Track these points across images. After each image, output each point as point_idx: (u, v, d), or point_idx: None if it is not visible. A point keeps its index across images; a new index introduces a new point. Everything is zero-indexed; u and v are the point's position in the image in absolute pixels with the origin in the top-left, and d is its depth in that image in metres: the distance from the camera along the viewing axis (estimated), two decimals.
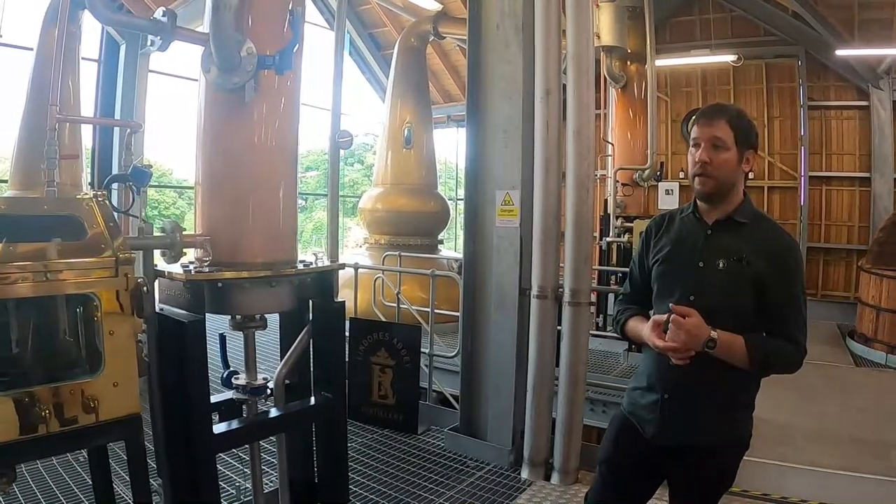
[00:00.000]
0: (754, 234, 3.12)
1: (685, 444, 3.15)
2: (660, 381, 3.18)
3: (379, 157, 14.90)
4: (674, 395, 3.14)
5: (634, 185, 13.73)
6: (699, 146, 3.08)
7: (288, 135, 4.01)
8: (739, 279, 3.04)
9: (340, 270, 4.52)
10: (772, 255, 3.06)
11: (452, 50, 20.22)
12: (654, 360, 3.21)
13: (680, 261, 3.19)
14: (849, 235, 16.45)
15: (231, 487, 5.70)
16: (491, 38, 6.87)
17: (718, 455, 3.17)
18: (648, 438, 3.23)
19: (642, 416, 3.28)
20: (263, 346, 4.76)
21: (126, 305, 2.88)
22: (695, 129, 3.12)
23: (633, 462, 3.36)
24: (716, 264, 3.06)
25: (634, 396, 3.38)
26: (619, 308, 3.55)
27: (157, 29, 3.60)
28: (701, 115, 3.15)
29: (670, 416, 3.15)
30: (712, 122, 3.06)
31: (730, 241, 3.10)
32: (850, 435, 7.38)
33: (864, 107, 15.85)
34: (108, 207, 3.02)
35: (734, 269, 3.04)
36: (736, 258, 3.05)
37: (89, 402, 2.78)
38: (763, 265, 3.03)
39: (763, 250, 3.06)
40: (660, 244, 3.32)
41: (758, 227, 3.17)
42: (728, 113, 3.10)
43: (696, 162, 3.09)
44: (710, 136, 3.04)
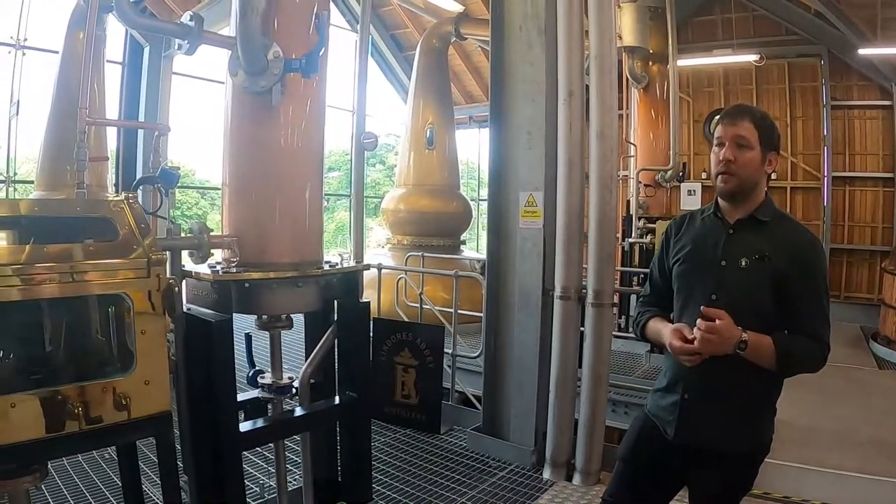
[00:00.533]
0: (776, 232, 3.12)
1: (704, 447, 3.14)
2: (681, 381, 3.18)
3: (401, 157, 14.95)
4: (694, 396, 3.14)
5: (657, 186, 13.70)
6: (723, 145, 3.08)
7: (314, 137, 4.04)
8: (762, 277, 3.04)
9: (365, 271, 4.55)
10: (793, 252, 3.07)
11: (474, 51, 20.23)
12: (673, 361, 3.20)
13: (701, 259, 3.19)
14: (872, 236, 16.30)
15: (255, 485, 5.73)
16: (514, 39, 6.89)
17: (738, 459, 3.17)
18: (669, 440, 3.22)
19: (663, 416, 3.28)
20: (289, 346, 4.79)
21: (157, 305, 2.92)
22: (718, 129, 3.13)
23: (652, 462, 3.36)
24: (738, 263, 3.06)
25: (656, 398, 3.38)
26: (639, 310, 3.55)
27: (185, 33, 3.64)
28: (725, 114, 3.16)
29: (690, 418, 3.15)
30: (736, 122, 3.07)
31: (752, 239, 3.09)
32: (872, 438, 7.32)
33: (887, 106, 15.70)
34: (139, 209, 3.06)
35: (756, 268, 3.04)
36: (758, 256, 3.04)
37: (121, 399, 2.82)
38: (784, 262, 3.03)
39: (784, 247, 3.07)
40: (680, 244, 3.32)
41: (779, 225, 3.17)
42: (752, 113, 3.11)
43: (719, 161, 3.09)
44: (735, 135, 3.05)
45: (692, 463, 3.20)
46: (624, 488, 3.48)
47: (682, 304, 3.26)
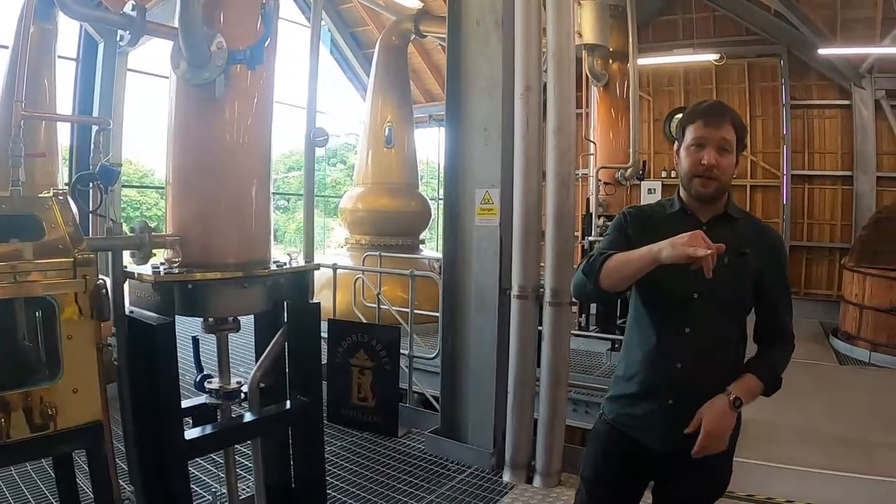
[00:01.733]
0: (747, 229, 3.10)
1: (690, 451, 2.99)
2: (662, 386, 3.02)
3: (360, 156, 14.89)
4: (682, 401, 2.98)
5: (616, 184, 13.68)
6: (702, 147, 2.96)
7: (260, 132, 3.91)
8: (743, 273, 3.00)
9: (321, 271, 4.44)
10: (766, 248, 3.09)
11: (434, 49, 20.20)
12: (650, 364, 3.06)
13: None
14: (831, 233, 16.53)
15: (206, 493, 5.61)
16: (471, 33, 6.79)
17: (722, 458, 3.10)
18: (649, 448, 3.09)
19: (639, 426, 3.12)
20: (238, 349, 4.68)
21: (85, 309, 2.79)
22: (699, 129, 2.98)
23: (624, 477, 3.23)
24: (720, 260, 2.95)
25: (622, 406, 3.21)
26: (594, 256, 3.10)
27: (127, 23, 3.51)
28: (706, 114, 3.01)
29: (678, 423, 2.98)
30: (721, 124, 2.95)
31: (728, 235, 2.98)
32: (835, 434, 7.36)
33: (846, 106, 15.92)
34: (69, 207, 2.92)
35: (738, 264, 2.98)
36: (738, 252, 2.98)
37: (47, 409, 2.69)
38: (760, 257, 3.03)
39: (758, 243, 3.06)
40: (647, 239, 3.00)
41: (748, 222, 3.16)
42: (731, 114, 3.02)
43: (699, 163, 2.96)
44: (719, 139, 2.95)
45: (672, 469, 3.10)
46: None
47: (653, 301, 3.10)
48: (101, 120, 4.31)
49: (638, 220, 3.23)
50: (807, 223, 16.63)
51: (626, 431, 3.18)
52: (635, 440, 3.14)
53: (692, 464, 3.01)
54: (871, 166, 15.61)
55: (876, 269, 11.70)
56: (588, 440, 3.48)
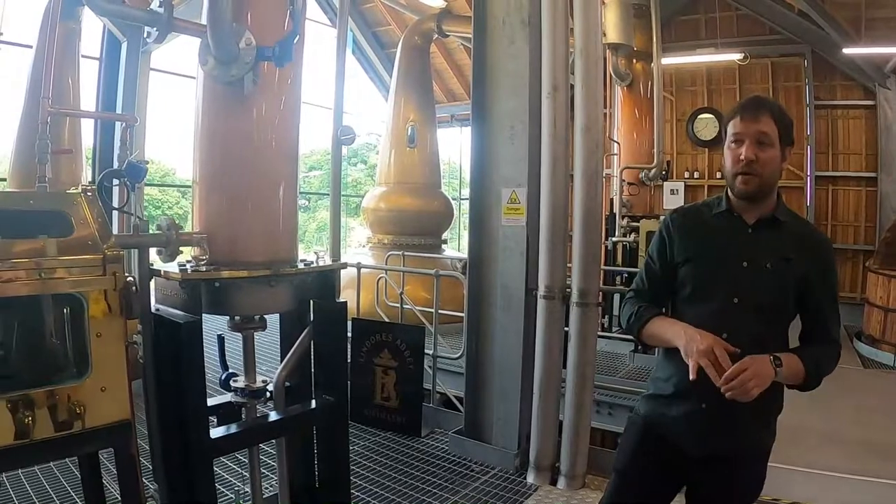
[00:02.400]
0: (795, 233, 3.02)
1: (724, 456, 3.00)
2: (696, 389, 2.92)
3: (382, 156, 14.87)
4: (715, 405, 2.91)
5: (640, 185, 13.65)
6: (742, 142, 2.90)
7: (288, 130, 3.90)
8: (787, 279, 2.93)
9: (343, 270, 4.42)
10: (815, 254, 3.00)
11: (456, 48, 20.16)
12: (684, 365, 2.94)
13: (719, 260, 3.00)
14: (855, 235, 16.37)
15: (230, 491, 5.60)
16: (496, 33, 6.75)
17: (758, 464, 3.09)
18: (684, 451, 3.06)
19: (672, 427, 3.09)
20: (263, 348, 4.66)
21: (114, 306, 2.76)
22: (736, 124, 2.93)
23: (655, 473, 3.18)
24: (762, 264, 2.90)
25: (657, 405, 3.18)
26: (634, 304, 3.26)
27: (153, 20, 3.49)
28: (743, 108, 2.95)
29: (712, 427, 2.97)
30: (758, 117, 2.88)
31: (774, 240, 2.96)
32: (860, 437, 7.30)
33: (870, 106, 15.79)
34: (98, 203, 2.90)
35: (781, 269, 2.92)
36: (782, 257, 2.92)
37: (75, 407, 2.66)
38: (808, 264, 2.95)
39: (805, 249, 2.98)
40: (689, 241, 3.10)
41: (796, 225, 3.08)
42: (771, 106, 2.94)
43: (738, 160, 2.90)
44: (756, 132, 2.87)
45: (705, 470, 3.05)
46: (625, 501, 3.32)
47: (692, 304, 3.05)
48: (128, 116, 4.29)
49: (681, 225, 3.19)
50: (830, 225, 16.45)
51: (658, 430, 3.16)
52: (668, 440, 3.10)
53: (725, 469, 2.99)
54: (895, 167, 15.44)
55: None
56: (624, 431, 3.44)
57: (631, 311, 3.22)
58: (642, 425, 3.26)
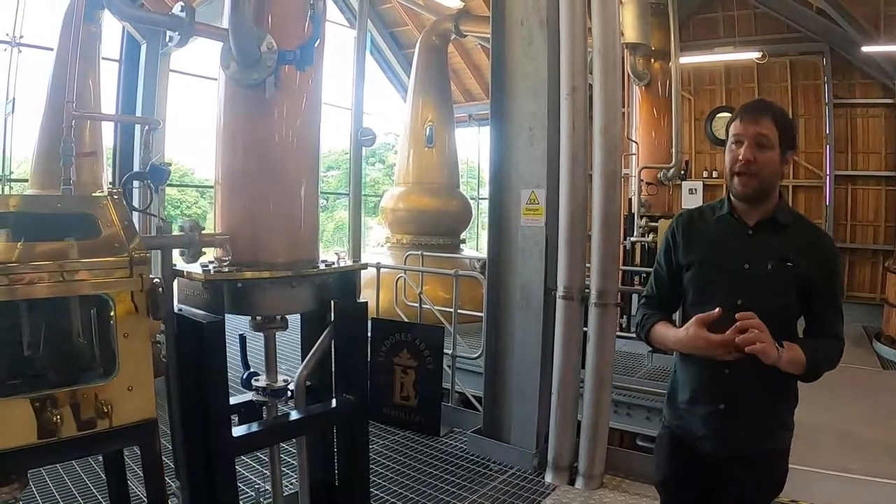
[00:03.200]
0: (797, 236, 3.04)
1: (746, 455, 3.02)
2: (713, 391, 3.01)
3: (400, 156, 14.91)
4: (732, 405, 2.98)
5: (658, 185, 13.62)
6: (741, 143, 2.94)
7: (309, 132, 3.93)
8: (788, 281, 2.95)
9: (363, 270, 4.45)
10: (818, 258, 3.01)
11: (474, 48, 20.17)
12: (701, 368, 3.05)
13: (722, 263, 3.04)
14: (875, 235, 16.32)
15: (250, 490, 5.63)
16: (515, 34, 6.77)
17: (779, 461, 3.11)
18: (707, 453, 3.08)
19: (694, 430, 3.12)
20: (284, 347, 4.69)
21: (141, 307, 2.81)
22: (737, 126, 2.98)
23: (694, 478, 3.19)
24: (763, 266, 2.94)
25: (679, 411, 3.22)
26: (642, 311, 3.37)
27: (176, 24, 3.53)
28: (744, 111, 3.00)
29: (729, 428, 3.00)
30: (758, 120, 2.92)
31: (774, 242, 2.99)
32: (878, 439, 7.28)
33: (890, 105, 15.75)
34: (124, 206, 2.94)
35: (782, 271, 2.95)
36: (783, 259, 2.95)
37: (103, 406, 2.70)
38: (809, 266, 2.97)
39: (808, 252, 3.00)
40: (692, 245, 3.15)
41: (799, 228, 3.09)
42: (773, 110, 2.97)
43: (737, 160, 2.94)
44: (755, 134, 2.91)
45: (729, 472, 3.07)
46: None
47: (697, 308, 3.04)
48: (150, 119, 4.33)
49: (686, 229, 3.24)
50: (850, 224, 16.43)
51: (681, 437, 3.19)
52: (691, 446, 3.13)
53: (748, 468, 3.01)
54: None
55: None
56: (655, 445, 3.50)
57: (638, 320, 3.32)
58: (668, 435, 3.30)
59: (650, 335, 3.26)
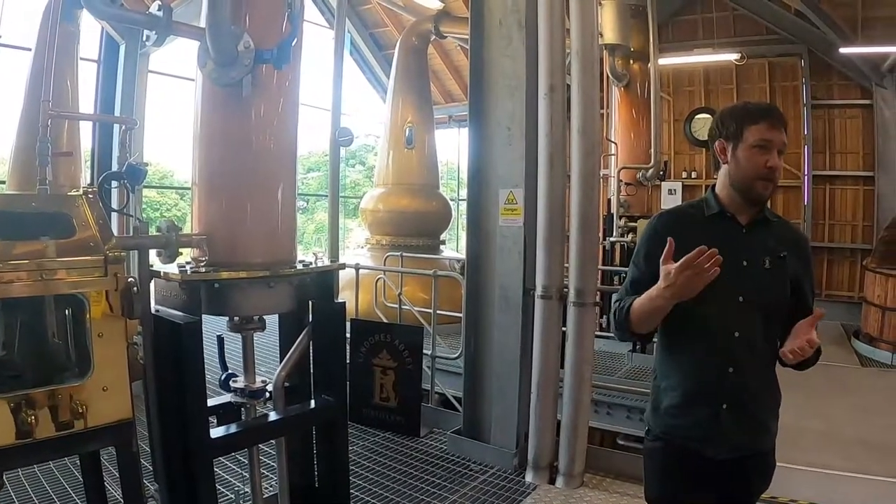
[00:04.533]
0: (782, 232, 3.11)
1: (748, 453, 3.02)
2: (714, 391, 2.97)
3: (380, 157, 14.87)
4: (734, 404, 2.95)
5: (638, 185, 13.65)
6: (769, 150, 2.91)
7: (287, 131, 3.92)
8: (783, 275, 3.00)
9: (341, 271, 4.44)
10: (800, 251, 3.10)
11: (454, 50, 20.18)
12: (700, 370, 3.01)
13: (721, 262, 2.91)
14: (853, 234, 16.45)
15: (230, 492, 5.61)
16: (493, 34, 6.78)
17: (770, 456, 3.14)
18: (707, 458, 3.02)
19: (693, 435, 3.04)
20: (262, 348, 4.68)
21: (116, 307, 2.79)
22: (763, 131, 2.92)
23: (691, 489, 3.11)
24: (761, 263, 2.96)
25: (670, 418, 3.13)
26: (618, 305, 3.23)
27: (153, 23, 3.52)
28: (771, 115, 2.95)
29: (736, 427, 2.96)
30: (782, 128, 2.94)
31: (767, 239, 3.02)
32: (858, 436, 7.33)
33: (867, 105, 15.85)
34: (99, 205, 2.93)
35: (779, 266, 2.99)
36: (777, 255, 2.99)
37: (77, 407, 2.69)
38: (796, 260, 3.04)
39: (793, 246, 3.07)
40: (685, 245, 2.91)
41: (780, 224, 3.16)
42: (784, 118, 2.99)
43: (766, 166, 2.91)
44: (781, 142, 2.92)
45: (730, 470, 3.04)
46: None
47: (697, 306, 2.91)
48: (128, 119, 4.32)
49: (673, 228, 3.10)
50: (828, 224, 16.56)
51: (681, 443, 3.10)
52: (693, 451, 3.05)
53: (746, 464, 3.02)
54: (892, 167, 15.53)
55: None
56: (644, 461, 3.36)
57: (614, 312, 3.21)
58: (661, 446, 3.20)
59: (632, 310, 3.07)
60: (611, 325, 3.38)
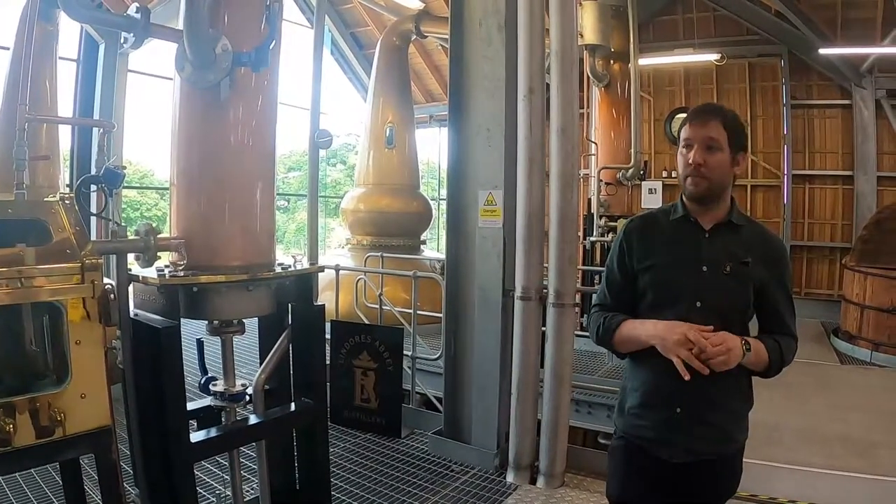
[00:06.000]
0: (751, 237, 3.08)
1: (704, 460, 3.02)
2: (668, 395, 2.98)
3: (361, 156, 14.85)
4: (689, 408, 2.97)
5: (618, 185, 13.69)
6: (691, 147, 2.96)
7: (265, 134, 3.92)
8: (744, 282, 2.98)
9: (321, 273, 4.44)
10: (770, 258, 3.06)
11: (435, 49, 20.16)
12: (657, 373, 3.01)
13: (679, 265, 3.03)
14: (832, 233, 16.53)
15: (211, 495, 5.57)
16: (473, 35, 6.78)
17: (735, 460, 3.13)
18: (664, 459, 3.04)
19: (650, 436, 3.08)
20: (242, 351, 4.67)
21: (93, 313, 2.78)
22: (686, 129, 3.00)
23: (648, 490, 3.14)
24: (722, 268, 2.96)
25: (631, 418, 3.16)
26: (601, 317, 3.23)
27: (131, 25, 3.51)
28: (694, 115, 3.03)
29: (689, 430, 2.98)
30: (706, 123, 2.95)
31: (731, 243, 3.02)
32: (838, 434, 7.36)
33: (846, 106, 15.93)
34: (76, 210, 2.91)
35: (740, 272, 2.98)
36: (740, 261, 2.98)
37: (56, 414, 2.68)
38: (765, 267, 3.02)
39: (762, 252, 3.04)
40: (648, 249, 3.12)
41: (752, 229, 3.13)
42: (721, 113, 3.00)
43: (688, 164, 2.97)
44: (704, 137, 2.94)
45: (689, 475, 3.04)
46: None
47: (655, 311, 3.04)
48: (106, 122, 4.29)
49: (640, 232, 3.21)
50: (807, 223, 16.64)
51: (639, 444, 3.13)
52: (649, 452, 3.09)
53: (705, 470, 3.02)
54: (871, 166, 15.60)
55: (877, 269, 11.72)
56: (608, 458, 3.40)
57: (598, 323, 3.22)
58: (623, 445, 3.24)
59: (618, 332, 3.12)
60: (588, 331, 3.38)
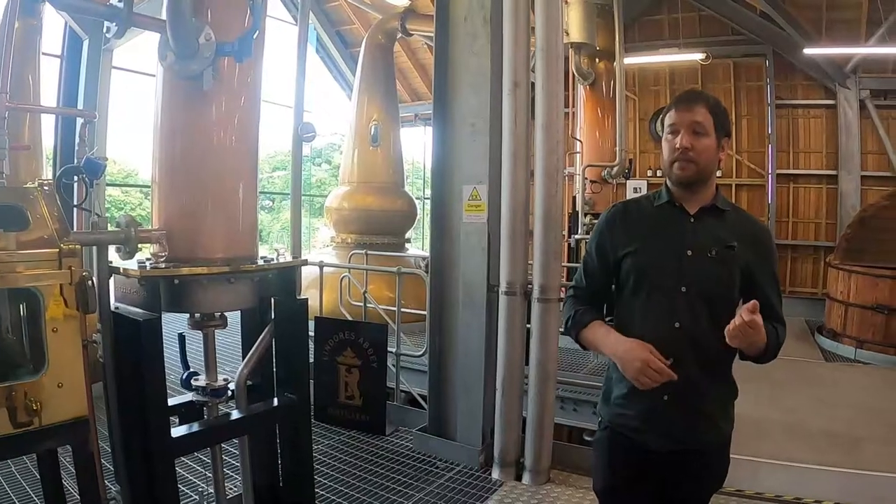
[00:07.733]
0: (737, 223, 3.08)
1: (691, 449, 3.00)
2: None
3: (345, 155, 14.79)
4: (676, 396, 2.93)
5: (603, 183, 13.71)
6: (678, 132, 2.95)
7: (248, 125, 3.88)
8: (731, 266, 2.97)
9: (306, 270, 4.40)
10: (756, 242, 3.06)
11: (421, 48, 20.16)
12: None
13: (664, 250, 3.01)
14: (816, 232, 16.61)
15: (193, 493, 5.55)
16: (458, 30, 6.77)
17: (722, 453, 3.12)
18: (651, 449, 3.03)
19: (636, 425, 3.05)
20: (224, 346, 4.63)
21: (71, 301, 2.74)
22: (672, 115, 3.00)
23: (634, 481, 3.11)
24: (707, 252, 2.95)
25: (616, 408, 3.14)
26: (573, 308, 3.25)
27: (113, 14, 3.47)
28: (679, 100, 3.02)
29: (675, 419, 2.97)
30: (692, 108, 2.95)
31: (716, 228, 3.01)
32: (823, 429, 7.39)
33: (831, 105, 16.00)
34: (55, 198, 2.87)
35: (726, 257, 2.96)
36: (727, 245, 2.97)
37: (32, 404, 2.63)
38: (750, 251, 3.00)
39: (747, 237, 3.03)
40: (631, 234, 3.11)
41: (737, 215, 3.13)
42: (706, 98, 3.00)
43: (675, 148, 2.95)
44: (691, 122, 2.93)
45: (675, 466, 3.03)
46: None
47: (639, 295, 3.04)
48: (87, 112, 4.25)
49: (623, 218, 3.21)
50: (792, 222, 16.72)
51: (626, 434, 3.11)
52: (637, 442, 3.06)
53: (692, 461, 3.00)
54: (855, 165, 15.70)
55: (861, 267, 11.81)
56: (593, 451, 3.39)
57: (569, 315, 3.23)
58: (608, 435, 3.22)
59: (583, 333, 3.14)
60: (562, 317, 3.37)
